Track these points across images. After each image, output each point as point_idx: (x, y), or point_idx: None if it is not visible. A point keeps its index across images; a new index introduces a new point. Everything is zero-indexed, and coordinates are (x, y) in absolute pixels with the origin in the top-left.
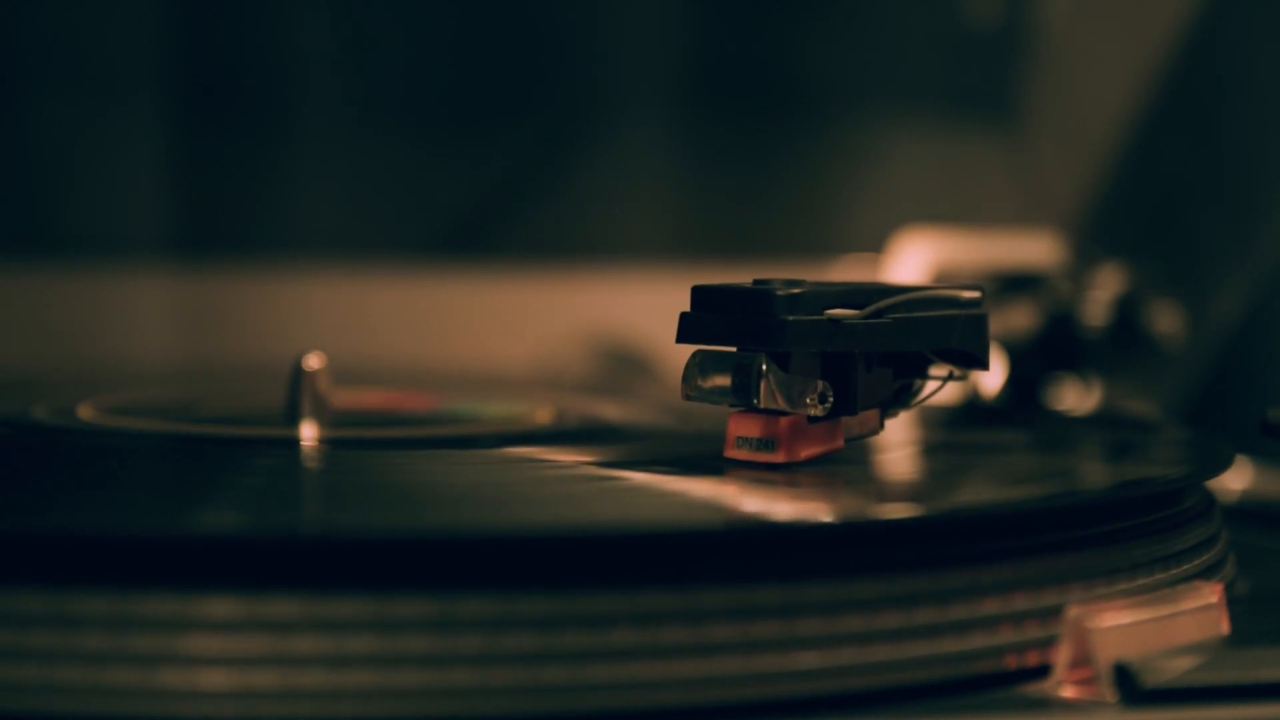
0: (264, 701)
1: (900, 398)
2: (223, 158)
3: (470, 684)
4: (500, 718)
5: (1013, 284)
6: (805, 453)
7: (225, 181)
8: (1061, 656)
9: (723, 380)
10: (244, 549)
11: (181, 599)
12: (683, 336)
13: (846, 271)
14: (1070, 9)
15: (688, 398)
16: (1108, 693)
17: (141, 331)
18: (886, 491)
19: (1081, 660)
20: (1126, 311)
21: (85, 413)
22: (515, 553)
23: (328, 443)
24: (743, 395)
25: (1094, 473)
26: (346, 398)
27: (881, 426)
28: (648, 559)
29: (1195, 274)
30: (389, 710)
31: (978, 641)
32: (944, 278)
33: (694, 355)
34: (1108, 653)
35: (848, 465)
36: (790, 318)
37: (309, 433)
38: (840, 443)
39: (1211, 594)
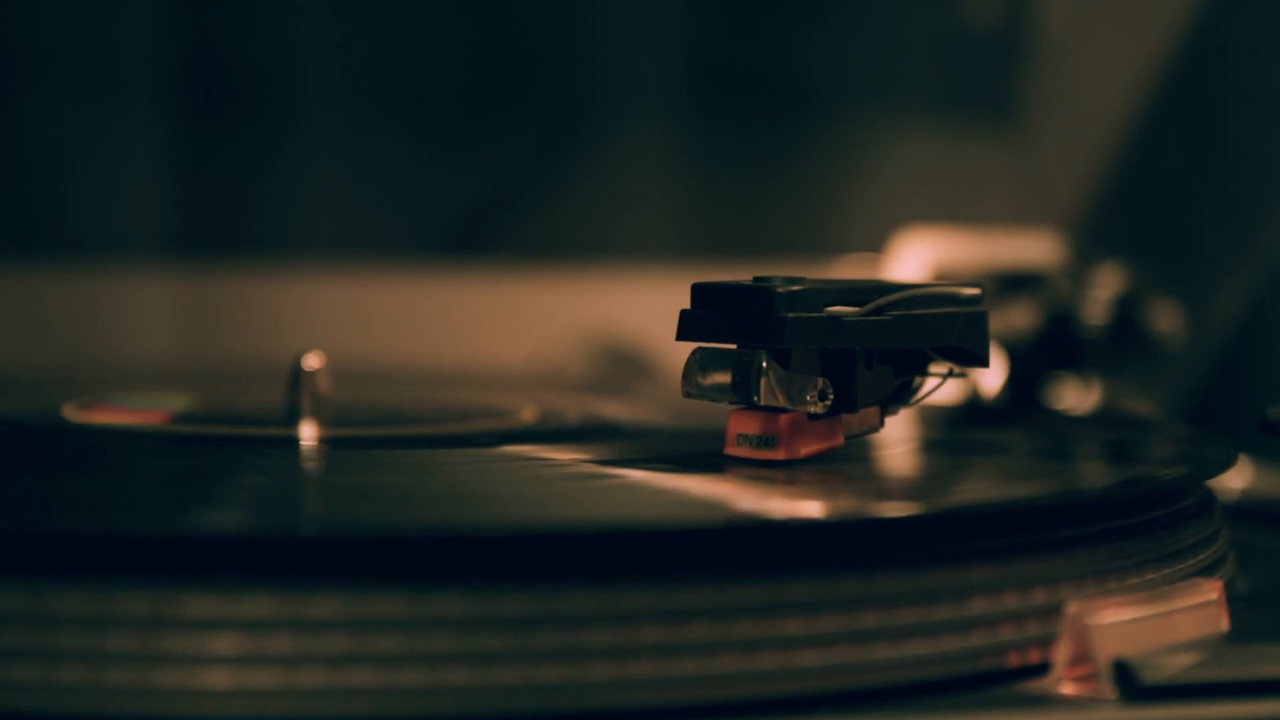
0: (274, 700)
1: (900, 395)
2: (223, 158)
3: (489, 682)
4: (507, 717)
5: (1013, 284)
6: (805, 450)
7: (225, 181)
8: (1061, 653)
9: (723, 377)
10: (262, 548)
11: (198, 598)
12: (683, 334)
13: (846, 271)
14: (1070, 9)
15: (688, 395)
16: (1107, 689)
17: (141, 331)
18: (886, 489)
19: (1081, 657)
20: (1126, 311)
21: (83, 412)
22: (541, 550)
23: (327, 442)
24: (743, 392)
25: (1094, 471)
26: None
27: (882, 424)
28: (647, 556)
29: (1195, 274)
30: (404, 709)
31: (977, 639)
32: (944, 277)
33: (694, 352)
34: (1107, 649)
35: (847, 463)
36: (790, 315)
37: (309, 432)
38: (840, 440)
39: (1211, 591)
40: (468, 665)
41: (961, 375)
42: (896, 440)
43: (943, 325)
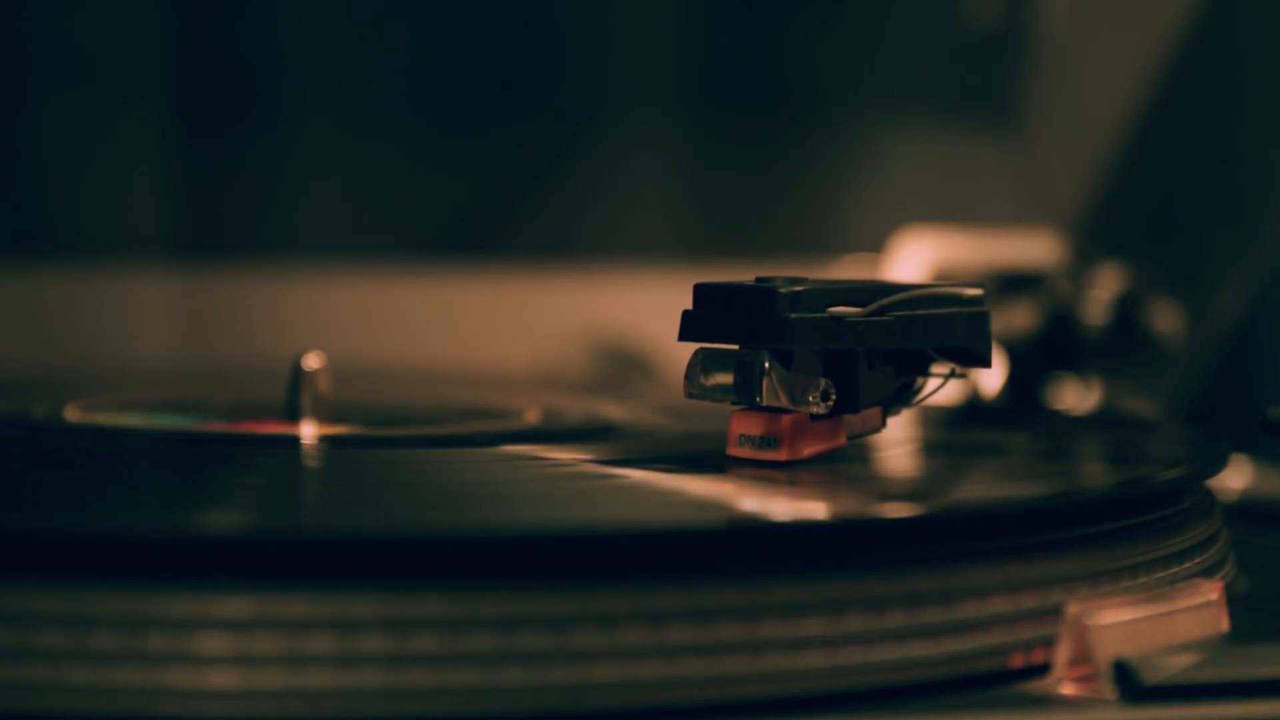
0: (269, 700)
1: (902, 395)
2: (223, 158)
3: (476, 683)
4: (501, 716)
5: (1013, 284)
6: (807, 451)
7: (225, 181)
8: (1061, 654)
9: (725, 378)
10: (249, 548)
11: (185, 598)
12: (685, 334)
13: (847, 271)
14: (1070, 9)
15: (690, 395)
16: (1107, 690)
17: (141, 331)
18: (887, 490)
19: (1081, 658)
20: (1126, 311)
21: (83, 413)
22: (522, 551)
23: (327, 441)
24: (745, 393)
25: (1094, 471)
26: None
27: (883, 424)
28: (650, 557)
29: (1195, 274)
30: (395, 709)
31: (977, 639)
32: (944, 277)
33: (696, 353)
34: (1107, 650)
35: (849, 463)
36: (793, 315)
37: (309, 432)
38: (842, 441)
39: (1211, 591)
40: (467, 666)
41: (963, 376)
42: (897, 441)
43: (945, 326)
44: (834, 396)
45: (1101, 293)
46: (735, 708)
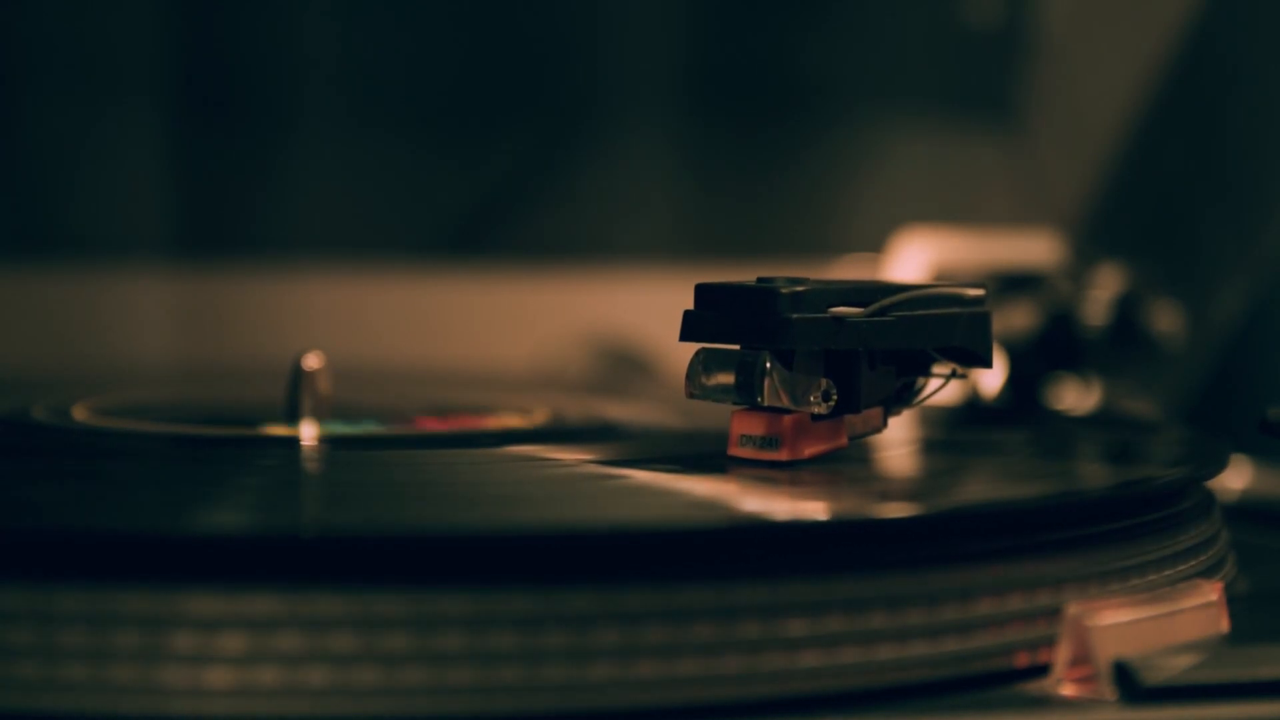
0: (259, 700)
1: (903, 396)
2: (223, 158)
3: (461, 683)
4: (489, 716)
5: (1012, 284)
6: (809, 451)
7: (225, 181)
8: (1061, 655)
9: (726, 378)
10: (242, 548)
11: (179, 598)
12: (686, 334)
13: (847, 271)
14: (1070, 9)
15: (691, 396)
16: (1108, 691)
17: (141, 331)
18: (888, 490)
19: (1081, 658)
20: (1126, 311)
21: (84, 413)
22: (511, 551)
23: (327, 442)
24: (746, 393)
25: (1094, 471)
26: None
27: (885, 425)
28: (647, 557)
29: (1195, 274)
30: (384, 709)
31: (977, 640)
32: (944, 277)
33: (697, 353)
34: (1108, 651)
35: (850, 463)
36: (794, 316)
37: (309, 432)
38: (844, 441)
39: (1211, 592)
40: (471, 665)
41: (964, 376)
42: (898, 441)
43: (946, 326)
44: (835, 397)
45: (1101, 293)
46: (734, 708)
